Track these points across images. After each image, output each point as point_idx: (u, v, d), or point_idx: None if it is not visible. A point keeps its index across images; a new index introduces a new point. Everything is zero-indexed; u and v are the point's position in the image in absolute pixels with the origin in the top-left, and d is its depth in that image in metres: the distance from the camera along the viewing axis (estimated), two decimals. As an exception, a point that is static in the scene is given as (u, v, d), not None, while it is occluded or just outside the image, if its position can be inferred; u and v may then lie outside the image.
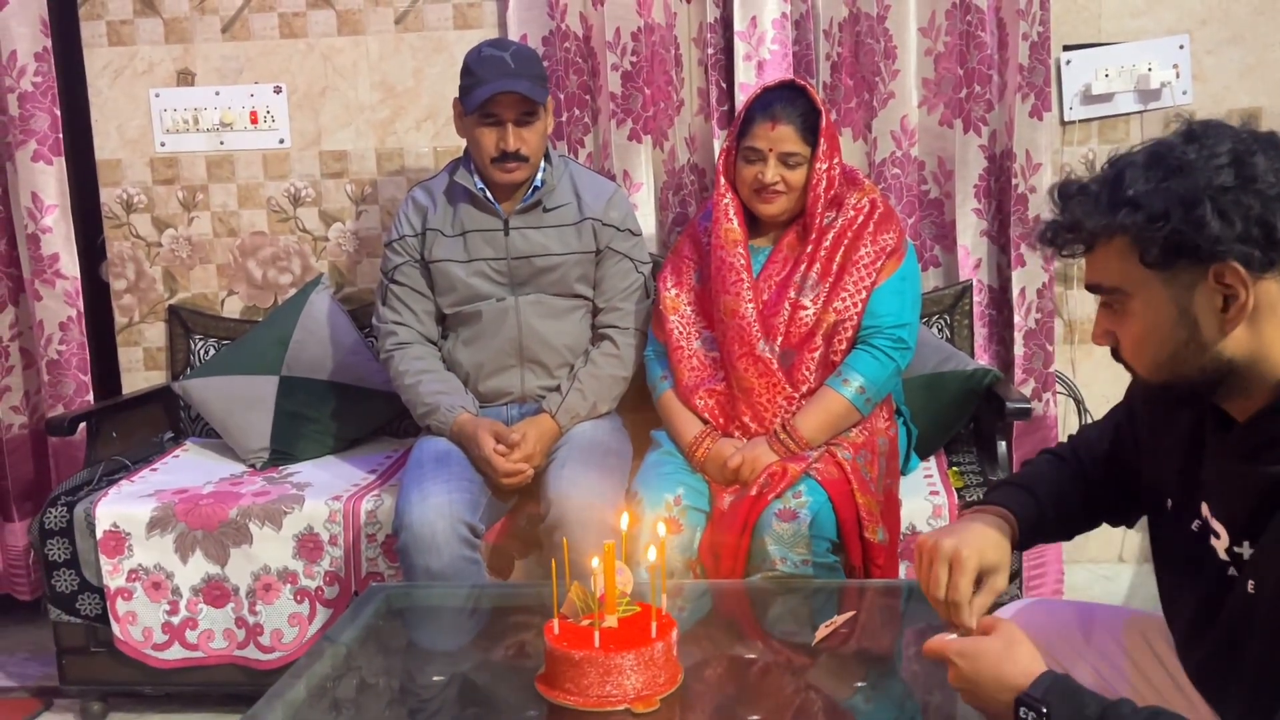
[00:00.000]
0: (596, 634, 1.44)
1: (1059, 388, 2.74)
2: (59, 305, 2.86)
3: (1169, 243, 1.02)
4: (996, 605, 2.13)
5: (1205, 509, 1.17)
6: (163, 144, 2.95)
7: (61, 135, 2.83)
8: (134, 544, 2.39)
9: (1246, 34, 2.67)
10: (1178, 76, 2.67)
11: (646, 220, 2.73)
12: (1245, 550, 1.10)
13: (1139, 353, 1.12)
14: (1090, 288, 1.13)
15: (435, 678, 1.73)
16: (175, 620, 2.41)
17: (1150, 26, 2.69)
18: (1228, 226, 1.00)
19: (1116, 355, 1.16)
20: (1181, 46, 2.67)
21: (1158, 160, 1.05)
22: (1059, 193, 1.13)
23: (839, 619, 1.68)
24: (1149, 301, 1.07)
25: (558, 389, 2.38)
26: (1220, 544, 1.15)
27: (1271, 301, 1.03)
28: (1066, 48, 2.68)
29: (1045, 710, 1.10)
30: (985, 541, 1.29)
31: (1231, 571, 1.13)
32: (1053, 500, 1.39)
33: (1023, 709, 1.12)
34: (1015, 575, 2.25)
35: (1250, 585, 1.09)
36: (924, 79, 2.69)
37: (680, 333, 2.31)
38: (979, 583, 1.29)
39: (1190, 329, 1.05)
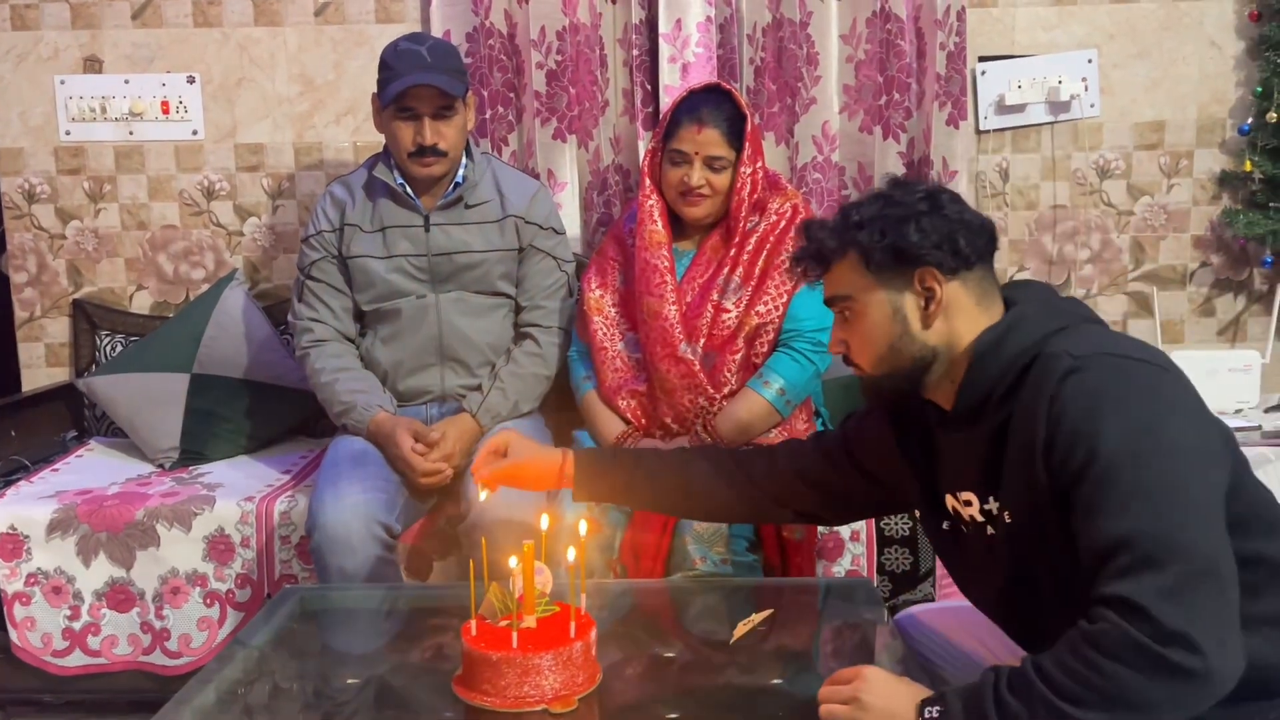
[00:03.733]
0: (514, 634, 1.43)
1: (972, 390, 2.81)
2: (-45, 298, 2.74)
3: (887, 251, 1.35)
4: (911, 602, 2.17)
5: (949, 500, 1.42)
6: (68, 132, 2.84)
7: (-41, 121, 2.72)
8: (33, 547, 2.30)
9: (1152, 50, 2.77)
10: (1086, 89, 2.76)
11: (571, 220, 2.72)
12: (993, 505, 1.35)
13: (864, 349, 1.40)
14: (828, 301, 1.43)
15: (350, 680, 1.70)
16: (76, 626, 2.32)
17: (1061, 40, 2.77)
18: (926, 238, 1.35)
19: (848, 360, 1.44)
20: (1090, 60, 2.76)
21: (875, 198, 1.41)
22: (803, 229, 1.45)
23: (757, 617, 1.70)
24: (871, 304, 1.38)
25: (479, 388, 2.35)
26: (974, 509, 1.38)
27: (958, 299, 1.36)
28: (982, 59, 2.75)
29: (944, 696, 1.22)
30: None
31: (989, 530, 1.36)
32: (659, 460, 1.75)
33: (927, 709, 1.22)
34: (929, 576, 2.30)
35: (996, 531, 1.34)
36: (845, 85, 2.74)
37: (604, 334, 2.30)
38: None
39: (902, 324, 1.37)
